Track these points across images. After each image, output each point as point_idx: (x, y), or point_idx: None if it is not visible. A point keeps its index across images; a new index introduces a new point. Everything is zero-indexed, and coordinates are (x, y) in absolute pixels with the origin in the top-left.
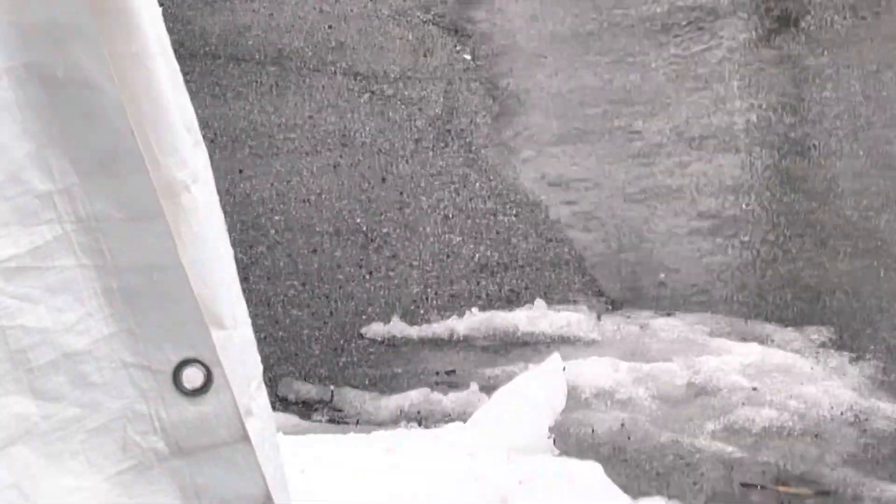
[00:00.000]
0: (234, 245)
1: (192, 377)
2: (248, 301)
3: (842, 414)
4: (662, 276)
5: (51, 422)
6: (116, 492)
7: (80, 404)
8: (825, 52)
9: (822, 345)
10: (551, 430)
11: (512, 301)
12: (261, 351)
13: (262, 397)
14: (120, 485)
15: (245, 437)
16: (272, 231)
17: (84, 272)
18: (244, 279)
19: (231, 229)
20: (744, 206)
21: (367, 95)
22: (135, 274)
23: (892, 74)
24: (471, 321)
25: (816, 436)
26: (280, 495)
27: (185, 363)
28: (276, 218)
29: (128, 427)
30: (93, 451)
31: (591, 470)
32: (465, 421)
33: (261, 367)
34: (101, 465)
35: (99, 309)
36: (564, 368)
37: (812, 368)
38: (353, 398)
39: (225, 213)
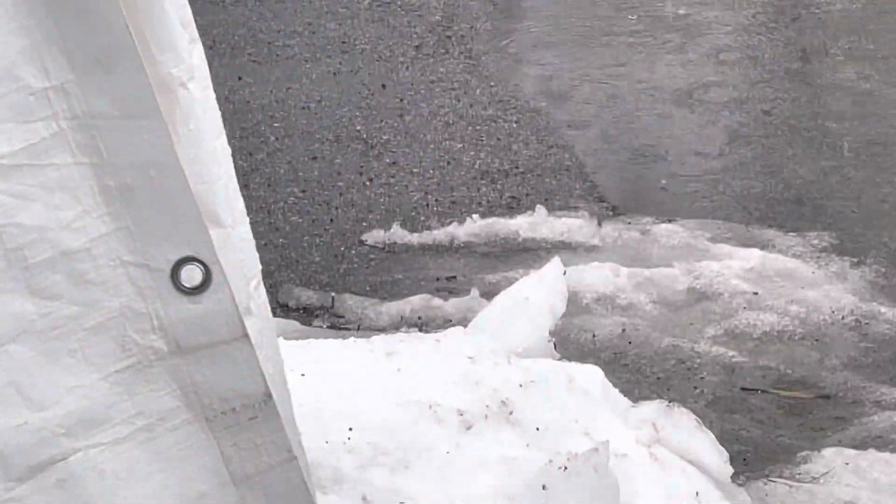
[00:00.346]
0: (233, 152)
1: (191, 275)
2: (248, 208)
3: (842, 318)
4: (664, 181)
5: (48, 320)
6: (115, 390)
7: (77, 302)
8: None
9: (824, 249)
10: (552, 334)
11: (513, 207)
12: (261, 258)
13: (261, 297)
14: (119, 383)
15: (244, 336)
16: (272, 138)
17: (81, 170)
18: (244, 186)
19: (230, 136)
20: (748, 111)
21: (367, 2)
22: (132, 172)
23: None
24: (471, 228)
25: (817, 340)
26: (280, 393)
27: (184, 261)
28: (276, 125)
29: (126, 325)
30: (91, 349)
31: (591, 373)
32: (465, 326)
33: (259, 267)
34: (99, 364)
35: (96, 207)
36: (565, 272)
37: (813, 273)
38: (354, 304)
39: (224, 120)
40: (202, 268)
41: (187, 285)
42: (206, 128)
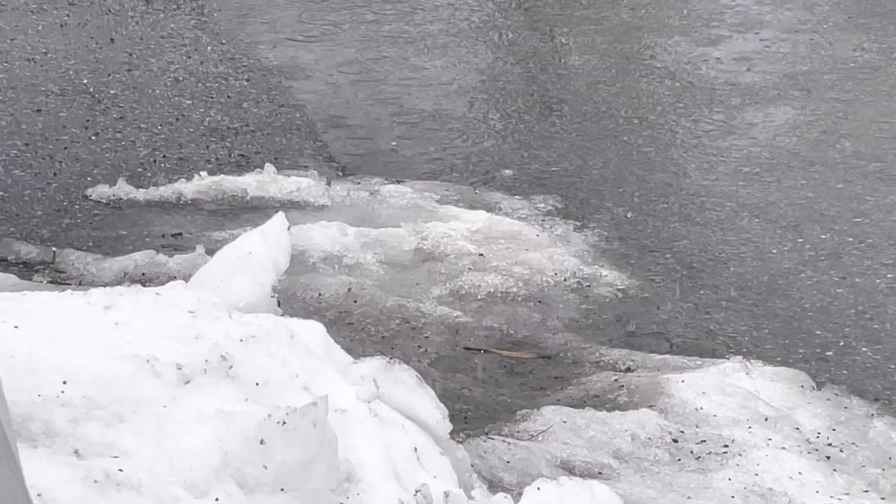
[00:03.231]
0: None
1: None
2: None
3: (565, 280)
4: (394, 143)
5: None
6: None
7: None
8: None
9: (549, 213)
10: (276, 290)
11: (242, 165)
12: None
13: None
14: None
15: None
16: None
17: None
18: None
19: None
20: (477, 75)
21: None
22: None
23: None
24: (199, 185)
25: (540, 301)
26: None
27: None
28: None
29: None
30: None
31: (313, 329)
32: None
33: None
34: None
35: None
36: (289, 228)
37: (537, 235)
38: (76, 260)
39: None
40: None
41: None
42: None
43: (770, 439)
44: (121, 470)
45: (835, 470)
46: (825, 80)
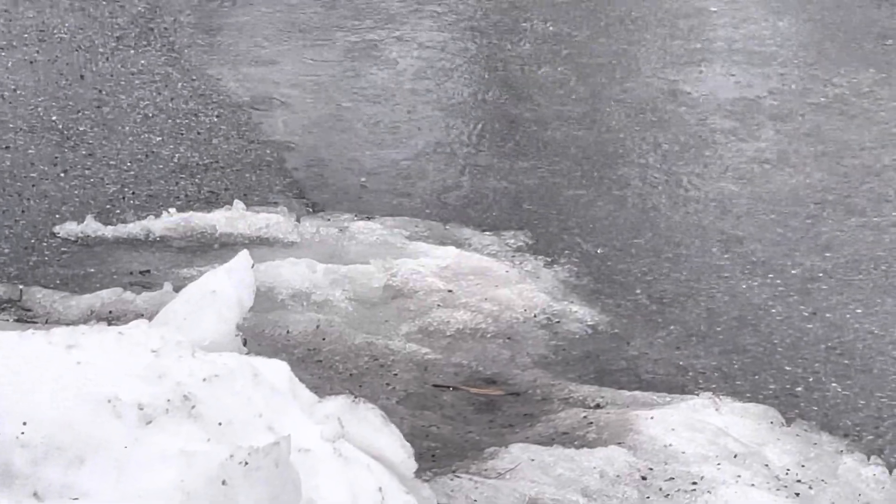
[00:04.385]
0: None
1: None
2: None
3: (535, 316)
4: (364, 179)
5: None
6: None
7: None
8: None
9: (519, 249)
10: (242, 328)
11: (211, 202)
12: None
13: None
14: None
15: None
16: None
17: None
18: None
19: None
20: (445, 109)
21: None
22: None
23: None
24: (168, 222)
25: (509, 338)
26: None
27: None
28: None
29: None
30: None
31: (278, 368)
32: None
33: None
34: None
35: None
36: (253, 265)
37: (507, 271)
38: (43, 298)
39: None
40: None
41: None
42: None
43: (739, 476)
44: None
45: None
46: (795, 115)
